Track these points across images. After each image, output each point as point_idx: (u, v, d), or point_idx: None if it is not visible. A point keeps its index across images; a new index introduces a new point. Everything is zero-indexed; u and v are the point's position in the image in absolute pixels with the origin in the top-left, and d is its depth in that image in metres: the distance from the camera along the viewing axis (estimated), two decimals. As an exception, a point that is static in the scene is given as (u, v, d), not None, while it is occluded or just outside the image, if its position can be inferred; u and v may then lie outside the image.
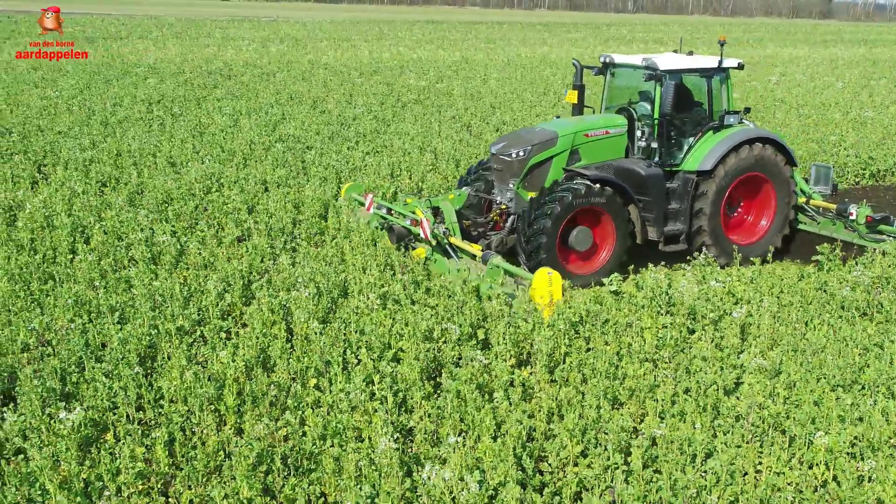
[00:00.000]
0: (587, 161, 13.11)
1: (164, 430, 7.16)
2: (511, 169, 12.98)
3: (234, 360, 8.29)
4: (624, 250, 12.65)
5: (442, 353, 8.85)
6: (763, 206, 14.07)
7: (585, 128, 13.21)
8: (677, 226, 13.21)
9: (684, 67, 13.28)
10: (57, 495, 6.15)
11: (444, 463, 6.80)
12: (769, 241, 13.81)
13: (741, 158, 13.22)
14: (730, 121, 13.44)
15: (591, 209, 12.29)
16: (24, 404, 7.48)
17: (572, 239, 12.31)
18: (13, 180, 15.41)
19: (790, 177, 13.88)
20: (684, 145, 13.42)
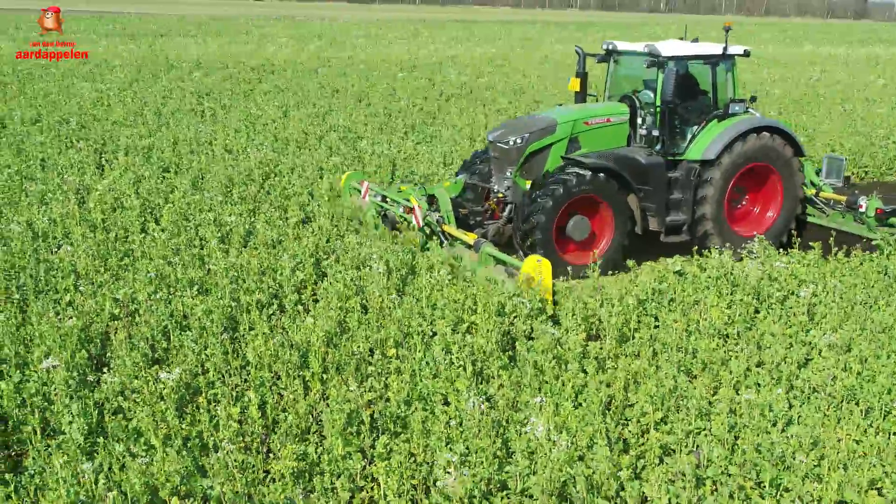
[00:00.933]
0: (587, 149, 12.78)
1: (255, 393, 7.39)
2: (508, 157, 12.69)
3: (314, 329, 8.52)
4: (623, 240, 12.36)
5: (514, 327, 9.05)
6: (769, 198, 13.64)
7: (586, 115, 12.93)
8: (680, 216, 12.88)
9: (687, 54, 12.96)
10: (161, 450, 6.39)
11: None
12: (776, 234, 13.44)
13: (746, 148, 12.86)
14: (735, 109, 13.09)
15: (588, 198, 12.02)
16: (118, 368, 7.75)
17: (570, 228, 12.04)
18: (78, 166, 15.76)
19: (798, 168, 13.50)
20: (688, 134, 13.10)
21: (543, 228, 11.66)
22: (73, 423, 6.63)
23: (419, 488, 6.26)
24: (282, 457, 6.38)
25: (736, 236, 13.03)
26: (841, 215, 14.12)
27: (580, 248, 12.28)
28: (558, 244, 11.98)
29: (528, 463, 6.29)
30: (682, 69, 12.91)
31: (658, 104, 12.77)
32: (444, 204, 12.50)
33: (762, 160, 13.10)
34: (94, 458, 6.34)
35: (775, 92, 31.85)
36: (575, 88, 13.95)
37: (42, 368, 7.49)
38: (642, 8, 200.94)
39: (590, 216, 12.17)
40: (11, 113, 21.69)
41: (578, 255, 12.17)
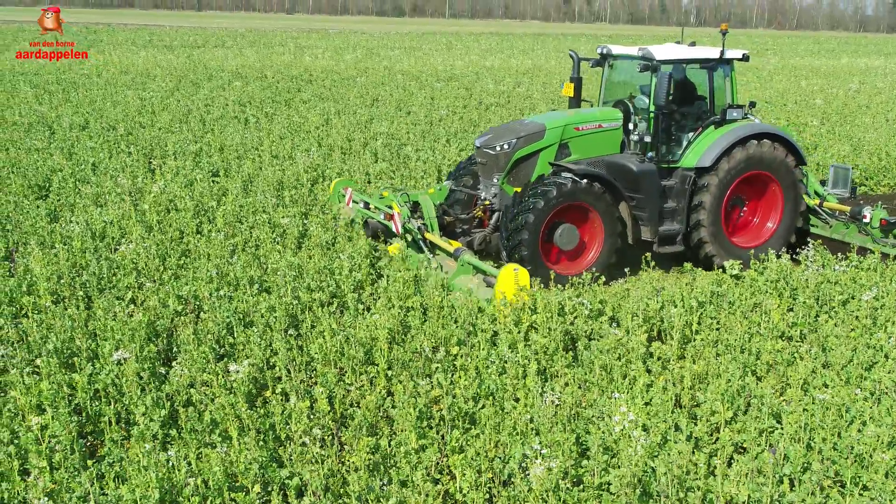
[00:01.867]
0: (578, 156, 12.28)
1: (324, 388, 7.42)
2: (495, 163, 12.21)
3: (377, 327, 8.56)
4: (614, 250, 11.88)
5: (574, 327, 9.04)
6: (769, 207, 13.09)
7: (576, 121, 12.39)
8: (674, 226, 12.37)
9: (682, 58, 12.53)
10: (238, 440, 6.43)
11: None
12: (776, 245, 12.85)
13: (743, 155, 12.34)
14: (733, 115, 12.62)
15: (577, 206, 11.59)
16: (187, 361, 7.82)
17: (557, 237, 11.61)
18: (130, 169, 15.96)
19: (799, 177, 12.93)
20: (683, 141, 12.62)
21: (529, 236, 11.21)
22: (147, 414, 6.70)
23: (496, 481, 6.25)
24: (357, 449, 6.40)
25: (734, 247, 12.57)
26: (845, 226, 13.47)
27: (569, 257, 11.89)
28: (545, 253, 11.58)
29: (608, 457, 6.27)
30: (676, 73, 12.54)
31: (651, 109, 12.26)
32: (427, 211, 12.18)
33: (761, 168, 12.59)
34: (171, 447, 6.40)
35: (817, 102, 31.64)
36: (569, 94, 13.51)
37: (113, 361, 7.59)
38: (671, 21, 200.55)
39: (578, 225, 11.74)
40: (60, 119, 22.03)
41: (567, 265, 11.81)
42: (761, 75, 45.27)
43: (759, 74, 45.92)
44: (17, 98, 26.43)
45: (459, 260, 10.60)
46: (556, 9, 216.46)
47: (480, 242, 12.31)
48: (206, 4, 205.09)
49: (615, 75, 13.37)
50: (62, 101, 26.23)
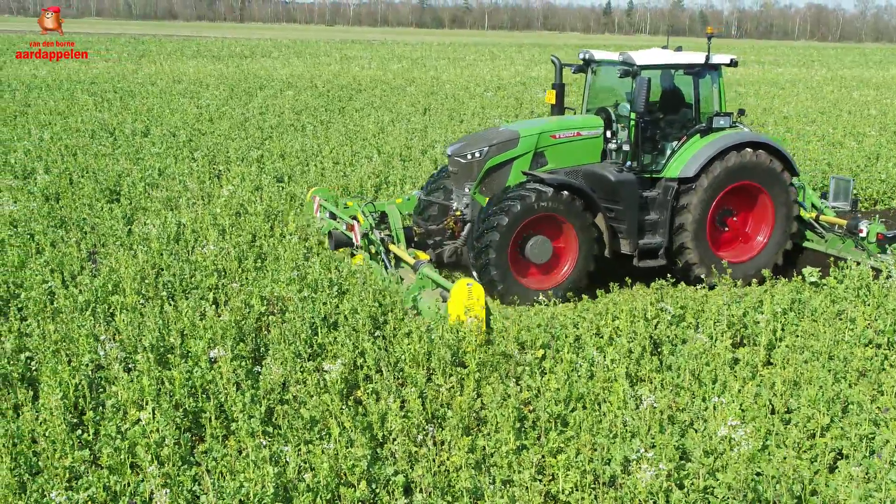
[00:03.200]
0: (554, 165, 11.81)
1: (414, 388, 7.45)
2: (467, 172, 11.73)
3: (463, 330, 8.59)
4: (589, 264, 11.34)
5: (658, 332, 9.01)
6: (760, 220, 12.47)
7: (552, 128, 11.90)
8: (655, 239, 11.78)
9: (663, 63, 12.00)
10: (343, 436, 6.48)
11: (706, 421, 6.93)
12: (766, 260, 12.32)
13: (730, 165, 11.72)
14: (720, 123, 12.01)
15: (548, 217, 11.07)
16: (277, 361, 7.89)
17: (528, 250, 11.13)
18: (196, 174, 16.18)
19: (790, 187, 12.30)
20: (667, 150, 12.04)
21: (497, 248, 10.72)
22: (245, 411, 6.77)
23: (599, 482, 6.23)
24: (459, 448, 6.42)
25: (721, 262, 11.88)
26: (841, 240, 12.87)
27: (542, 271, 11.35)
28: (516, 266, 11.08)
29: (710, 461, 6.23)
30: (658, 79, 12.13)
31: (632, 117, 11.68)
32: (394, 221, 11.75)
33: (749, 179, 11.98)
34: (273, 443, 6.47)
35: (872, 112, 31.29)
36: (550, 101, 12.95)
37: (206, 359, 7.69)
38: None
39: (552, 237, 11.23)
40: (122, 126, 22.40)
41: (540, 279, 11.30)
42: (810, 85, 44.86)
43: (809, 85, 45.51)
44: (76, 106, 26.92)
45: (419, 273, 10.04)
46: (596, 20, 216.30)
47: (451, 255, 11.79)
48: (248, 16, 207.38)
49: (599, 82, 12.84)
50: (120, 108, 26.68)
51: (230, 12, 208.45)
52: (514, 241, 10.90)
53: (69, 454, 6.25)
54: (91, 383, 7.37)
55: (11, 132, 21.32)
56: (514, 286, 10.74)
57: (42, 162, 17.16)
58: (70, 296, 9.28)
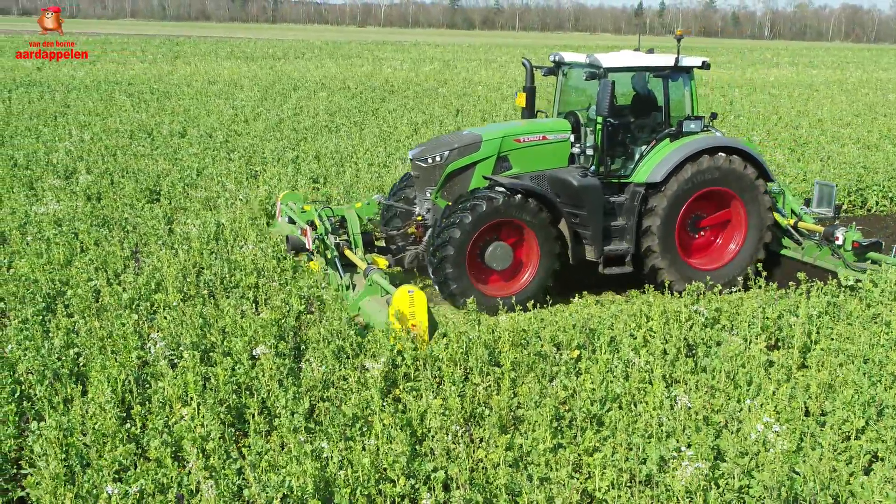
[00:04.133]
0: (519, 169, 11.48)
1: (453, 386, 7.57)
2: (428, 176, 11.47)
3: (500, 330, 8.71)
4: (551, 271, 11.10)
5: (692, 334, 9.07)
6: (733, 227, 12.17)
7: (517, 132, 11.58)
8: (622, 245, 11.52)
9: (631, 65, 11.71)
10: (382, 433, 6.61)
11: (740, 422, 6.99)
12: (738, 268, 12.03)
13: (699, 170, 11.43)
14: (690, 127, 11.68)
15: (509, 223, 10.85)
16: (320, 358, 8.05)
17: (488, 256, 10.91)
18: (233, 175, 16.42)
19: (765, 194, 11.99)
20: (636, 154, 11.74)
21: (454, 254, 10.51)
22: (288, 407, 6.92)
23: (636, 481, 6.32)
24: (497, 445, 6.54)
25: (692, 269, 11.70)
26: (817, 248, 12.46)
27: (503, 278, 11.16)
28: (475, 272, 10.88)
29: (745, 461, 6.29)
30: (626, 82, 11.91)
31: (599, 120, 11.30)
32: (351, 226, 11.44)
33: (720, 185, 11.69)
34: (315, 439, 6.62)
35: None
36: (521, 104, 12.72)
37: (248, 356, 7.87)
38: (746, 35, 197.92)
39: (512, 243, 11.04)
40: (159, 126, 22.75)
41: (501, 286, 11.10)
42: (845, 88, 44.48)
43: (843, 87, 45.12)
44: (114, 106, 27.34)
45: (368, 279, 9.83)
46: (628, 21, 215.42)
47: (412, 260, 11.54)
48: (279, 17, 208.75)
49: (569, 84, 12.54)
50: (157, 109, 27.06)
51: (262, 13, 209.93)
52: (471, 246, 10.67)
53: (117, 447, 6.44)
54: (138, 379, 7.57)
55: (53, 133, 21.72)
56: (471, 292, 10.44)
57: (83, 162, 17.51)
58: (114, 294, 9.52)
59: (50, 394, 7.11)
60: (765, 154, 20.68)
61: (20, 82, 34.76)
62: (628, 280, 11.85)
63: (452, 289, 10.55)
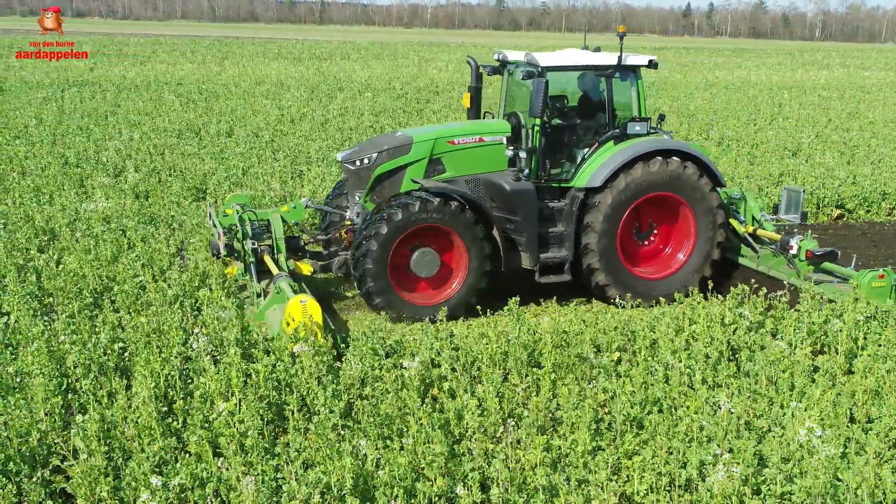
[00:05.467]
0: (454, 173, 11.03)
1: (491, 387, 7.56)
2: (357, 179, 11.08)
3: (541, 331, 8.69)
4: (481, 279, 10.58)
5: (736, 338, 8.96)
6: (682, 235, 11.55)
7: (451, 134, 11.12)
8: (560, 253, 10.97)
9: (570, 64, 11.14)
10: (420, 432, 6.63)
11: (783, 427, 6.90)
12: (686, 277, 11.41)
13: (645, 174, 10.83)
14: (635, 129, 11.08)
15: (435, 229, 10.36)
16: (355, 357, 8.09)
17: (413, 263, 10.49)
18: (279, 174, 16.58)
19: (715, 201, 11.34)
20: (577, 157, 11.16)
21: (375, 260, 10.08)
22: (326, 405, 6.97)
23: (675, 485, 6.26)
24: (534, 447, 6.52)
25: (636, 279, 11.19)
26: (773, 256, 11.88)
27: (432, 285, 10.68)
28: (399, 279, 10.46)
29: (788, 467, 6.20)
30: (565, 82, 11.40)
31: (536, 122, 10.79)
32: (275, 230, 10.96)
33: (665, 190, 11.06)
34: (352, 437, 6.65)
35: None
36: (466, 104, 12.27)
37: (289, 353, 7.94)
38: (796, 36, 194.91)
39: (440, 249, 10.57)
40: (206, 126, 23.04)
41: (431, 294, 10.64)
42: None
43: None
44: (163, 106, 27.74)
45: (275, 286, 9.50)
46: (675, 22, 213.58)
47: (340, 266, 11.02)
48: (327, 18, 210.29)
49: (513, 84, 11.93)
50: (205, 109, 27.41)
51: (310, 15, 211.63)
52: (394, 252, 10.23)
53: (158, 441, 6.53)
54: (181, 374, 7.67)
55: (103, 131, 22.12)
56: (395, 301, 10.17)
57: (132, 160, 17.79)
58: (160, 290, 9.66)
59: (95, 387, 7.22)
60: (814, 157, 20.41)
61: (73, 82, 35.43)
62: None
63: (376, 302, 10.17)
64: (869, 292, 10.05)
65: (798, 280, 11.08)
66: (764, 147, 22.41)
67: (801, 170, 18.58)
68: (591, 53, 11.27)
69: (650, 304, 9.95)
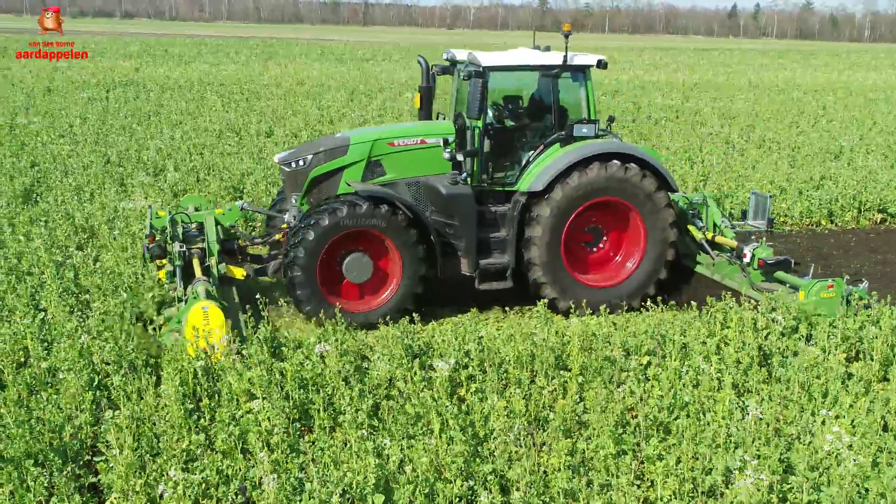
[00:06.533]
0: (394, 175, 10.77)
1: (519, 388, 7.55)
2: (294, 181, 10.87)
3: (569, 333, 8.65)
4: (416, 285, 10.30)
5: (769, 343, 8.85)
6: (631, 242, 11.13)
7: (390, 135, 10.89)
8: (501, 259, 10.63)
9: (512, 64, 10.76)
10: (444, 433, 6.64)
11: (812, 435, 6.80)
12: (636, 286, 11.01)
13: (589, 178, 10.40)
14: (582, 131, 10.68)
15: (366, 233, 10.10)
16: (384, 358, 8.13)
17: (346, 268, 10.21)
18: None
19: (667, 206, 10.87)
20: (523, 160, 10.80)
21: (303, 266, 9.86)
22: (352, 404, 7.00)
23: (699, 491, 6.20)
24: (556, 450, 6.49)
25: (582, 287, 10.79)
26: (728, 264, 11.53)
27: (367, 291, 10.42)
28: (331, 285, 10.23)
29: (815, 475, 6.11)
30: (509, 82, 11.05)
31: (478, 124, 10.43)
32: (208, 233, 10.66)
33: (612, 195, 10.63)
34: (376, 436, 6.68)
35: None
36: (417, 105, 11.91)
37: (317, 353, 8.01)
38: (844, 37, 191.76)
39: (374, 255, 10.33)
40: (246, 126, 23.27)
41: (366, 300, 10.38)
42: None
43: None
44: (205, 106, 28.07)
45: (192, 291, 9.26)
46: (721, 23, 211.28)
47: (276, 270, 10.71)
48: (370, 19, 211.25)
49: (462, 84, 11.25)
50: (246, 109, 27.69)
51: (353, 16, 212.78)
52: (326, 257, 10.06)
53: (186, 437, 6.61)
54: (207, 371, 7.75)
55: (145, 131, 22.42)
56: (327, 308, 9.83)
57: (172, 160, 18.02)
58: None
59: (125, 383, 7.33)
60: (856, 160, 20.07)
61: (118, 82, 35.98)
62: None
63: (305, 309, 10.03)
64: (817, 302, 9.75)
65: (749, 289, 10.80)
66: (806, 150, 22.08)
67: (842, 173, 18.27)
68: (537, 53, 10.90)
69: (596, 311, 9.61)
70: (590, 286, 10.87)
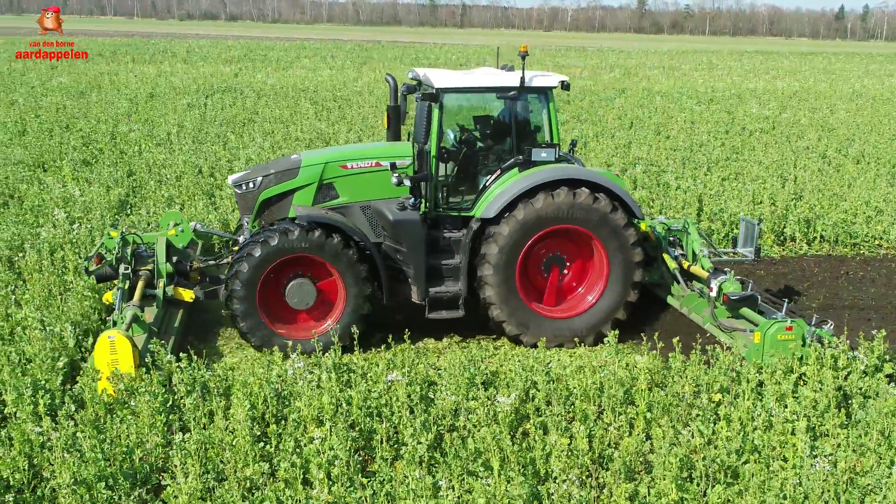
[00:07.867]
0: (347, 199, 10.55)
1: (583, 425, 7.47)
2: (244, 203, 10.76)
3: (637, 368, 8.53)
4: (359, 312, 10.03)
5: (848, 383, 8.54)
6: (593, 273, 10.64)
7: (344, 158, 10.65)
8: (452, 287, 10.30)
9: (466, 86, 10.34)
10: (502, 471, 6.62)
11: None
12: (597, 319, 10.49)
13: (545, 205, 9.97)
14: (541, 156, 10.24)
15: (308, 259, 9.89)
16: (450, 387, 8.15)
17: (289, 294, 10.00)
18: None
19: (630, 235, 10.33)
20: (479, 185, 10.45)
21: (242, 292, 9.71)
22: (415, 436, 7.05)
23: (761, 545, 6.04)
24: (616, 495, 6.41)
25: (537, 317, 10.35)
26: (697, 297, 10.95)
27: (312, 317, 10.23)
28: (273, 311, 10.04)
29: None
30: (465, 104, 10.71)
31: (431, 149, 10.06)
32: (159, 255, 10.46)
33: (570, 223, 10.16)
34: (436, 471, 6.71)
35: None
36: (384, 125, 11.65)
37: (385, 380, 8.08)
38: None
39: (319, 280, 10.10)
40: (336, 135, 23.65)
41: (310, 326, 10.12)
42: None
43: None
44: (298, 114, 28.57)
45: (118, 316, 9.19)
46: (827, 25, 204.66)
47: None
48: (468, 22, 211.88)
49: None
50: (338, 117, 28.08)
51: (451, 18, 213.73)
52: (267, 285, 9.91)
53: (251, 465, 6.76)
54: (278, 396, 7.91)
55: (238, 140, 22.96)
56: (264, 333, 9.82)
57: (260, 170, 18.39)
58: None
59: (196, 407, 7.53)
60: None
61: (217, 88, 36.93)
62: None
63: (250, 340, 9.91)
64: (772, 344, 9.19)
65: (712, 326, 10.29)
66: (909, 167, 21.23)
67: (946, 193, 17.51)
68: (495, 73, 10.58)
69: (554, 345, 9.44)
70: (545, 316, 10.45)
